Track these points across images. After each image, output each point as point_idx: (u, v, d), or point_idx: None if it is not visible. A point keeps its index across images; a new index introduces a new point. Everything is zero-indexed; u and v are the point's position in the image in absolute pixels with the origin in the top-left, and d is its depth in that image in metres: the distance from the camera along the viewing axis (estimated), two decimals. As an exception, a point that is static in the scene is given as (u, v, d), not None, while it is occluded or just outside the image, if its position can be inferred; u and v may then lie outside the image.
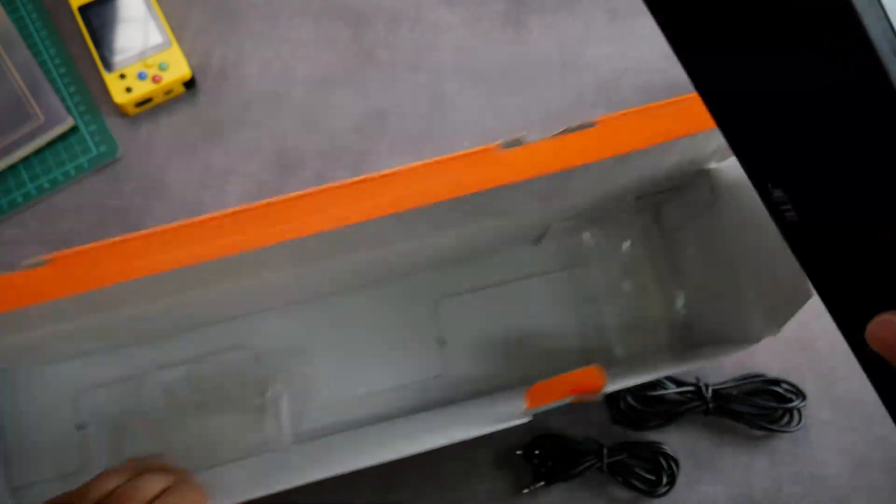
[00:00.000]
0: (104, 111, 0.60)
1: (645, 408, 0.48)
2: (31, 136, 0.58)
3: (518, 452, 0.48)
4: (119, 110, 0.60)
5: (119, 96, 0.59)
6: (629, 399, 0.49)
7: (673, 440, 0.50)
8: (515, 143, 0.32)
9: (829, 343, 0.53)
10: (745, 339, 0.41)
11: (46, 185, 0.57)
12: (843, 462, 0.49)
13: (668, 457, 0.48)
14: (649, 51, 0.61)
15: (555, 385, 0.37)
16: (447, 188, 0.31)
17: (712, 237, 0.46)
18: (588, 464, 0.47)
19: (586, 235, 0.51)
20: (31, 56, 0.61)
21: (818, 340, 0.53)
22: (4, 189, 0.57)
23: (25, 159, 0.58)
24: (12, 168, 0.58)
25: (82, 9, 0.62)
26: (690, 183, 0.46)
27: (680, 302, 0.49)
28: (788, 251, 0.29)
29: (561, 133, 0.32)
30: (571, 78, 0.62)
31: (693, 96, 0.23)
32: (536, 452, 0.47)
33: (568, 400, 0.38)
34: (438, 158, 0.32)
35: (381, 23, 0.65)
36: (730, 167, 0.43)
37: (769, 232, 0.37)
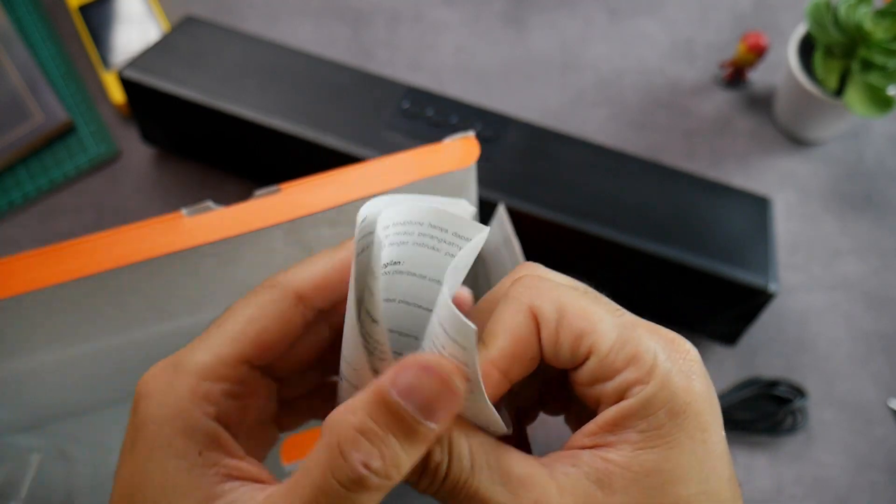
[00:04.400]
0: (103, 111, 0.60)
1: None
2: (30, 135, 0.58)
3: None
4: (118, 110, 0.60)
5: (118, 96, 0.59)
6: None
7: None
8: (202, 209, 0.32)
9: (829, 343, 0.53)
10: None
11: (45, 185, 0.57)
12: (844, 463, 0.49)
13: None
14: (649, 51, 0.61)
15: (310, 438, 0.36)
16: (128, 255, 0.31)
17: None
18: None
19: None
20: (30, 56, 0.61)
21: (818, 340, 0.53)
22: (3, 189, 0.57)
23: (24, 159, 0.58)
24: (11, 168, 0.58)
25: (82, 9, 0.62)
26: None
27: None
28: None
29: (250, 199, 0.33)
30: (571, 77, 0.62)
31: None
32: None
33: None
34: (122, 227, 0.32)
35: (381, 22, 0.65)
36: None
37: None
